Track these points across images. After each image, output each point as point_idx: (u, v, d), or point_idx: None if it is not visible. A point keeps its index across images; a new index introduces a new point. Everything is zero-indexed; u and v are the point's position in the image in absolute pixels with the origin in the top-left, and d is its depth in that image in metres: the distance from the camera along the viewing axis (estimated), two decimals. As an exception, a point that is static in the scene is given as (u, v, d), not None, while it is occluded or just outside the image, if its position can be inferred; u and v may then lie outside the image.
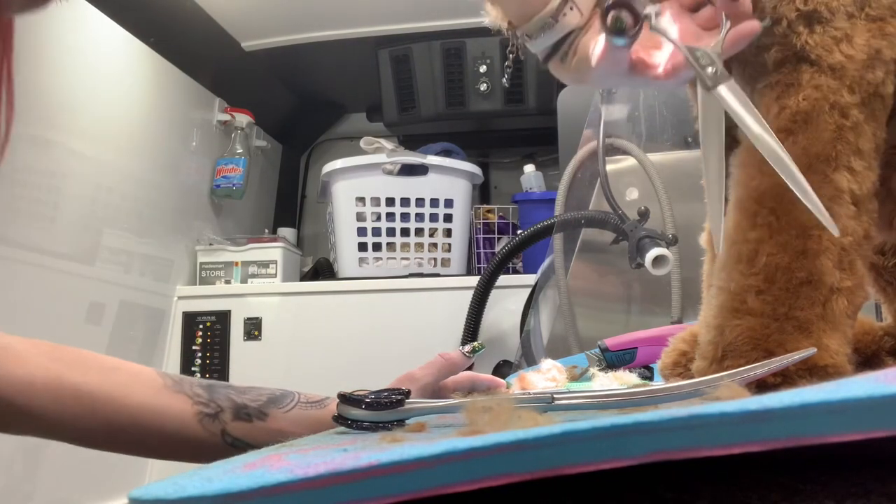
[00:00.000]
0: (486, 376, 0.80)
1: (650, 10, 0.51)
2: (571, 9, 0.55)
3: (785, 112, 0.50)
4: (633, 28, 0.51)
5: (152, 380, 0.65)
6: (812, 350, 0.45)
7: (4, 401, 0.59)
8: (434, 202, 1.92)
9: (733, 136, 0.54)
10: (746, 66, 0.54)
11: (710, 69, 0.49)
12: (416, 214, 1.91)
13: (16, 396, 0.59)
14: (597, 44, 0.54)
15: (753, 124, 0.47)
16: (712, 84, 0.48)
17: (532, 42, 0.57)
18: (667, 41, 0.52)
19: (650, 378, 0.81)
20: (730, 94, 0.48)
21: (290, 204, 2.44)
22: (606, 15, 0.51)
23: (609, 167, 1.45)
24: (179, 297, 1.85)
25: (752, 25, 0.49)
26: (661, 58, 0.53)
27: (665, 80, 0.54)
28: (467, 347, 0.77)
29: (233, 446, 0.67)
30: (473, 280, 1.70)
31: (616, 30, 0.51)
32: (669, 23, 0.52)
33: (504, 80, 0.71)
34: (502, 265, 1.65)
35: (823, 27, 0.49)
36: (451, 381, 0.77)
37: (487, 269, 1.67)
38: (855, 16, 0.49)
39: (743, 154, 0.52)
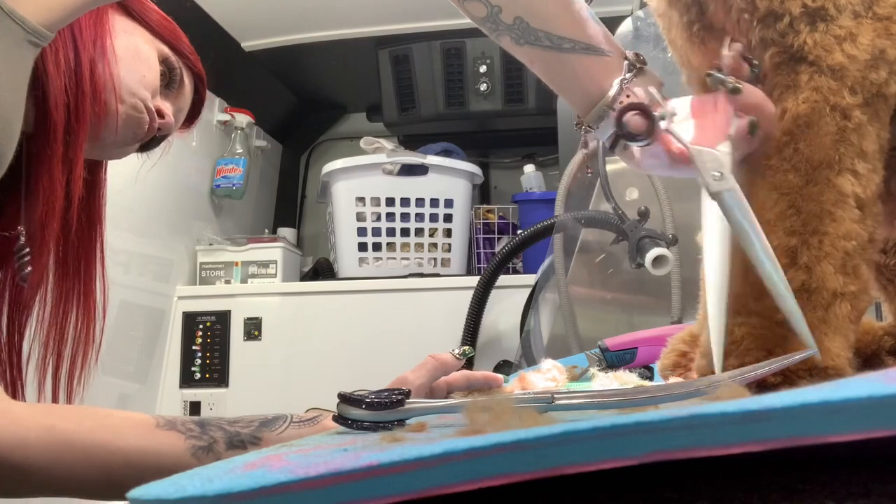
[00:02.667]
0: (481, 373, 0.80)
1: (662, 112, 0.51)
2: (629, 96, 0.56)
3: (786, 116, 0.49)
4: (645, 132, 0.51)
5: (144, 421, 0.66)
6: (812, 350, 0.45)
7: (2, 461, 0.60)
8: (434, 202, 1.92)
9: None
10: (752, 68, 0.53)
11: (715, 173, 0.48)
12: (416, 214, 1.91)
13: (12, 454, 0.60)
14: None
15: (751, 237, 0.46)
16: (714, 190, 0.47)
17: (596, 132, 0.59)
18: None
19: (650, 378, 0.81)
20: (731, 202, 0.47)
21: (290, 204, 2.44)
22: (620, 119, 0.52)
23: (609, 167, 1.44)
24: (179, 297, 1.85)
25: (744, 124, 0.49)
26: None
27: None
28: (458, 350, 0.77)
29: None
30: (473, 280, 1.70)
31: (627, 136, 0.51)
32: (687, 120, 0.52)
33: (587, 171, 0.74)
34: (502, 265, 1.65)
35: (827, 25, 0.49)
36: (443, 381, 0.77)
37: (487, 269, 1.67)
38: (861, 15, 0.49)
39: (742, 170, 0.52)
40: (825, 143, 0.48)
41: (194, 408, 1.78)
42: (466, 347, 0.80)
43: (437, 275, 1.89)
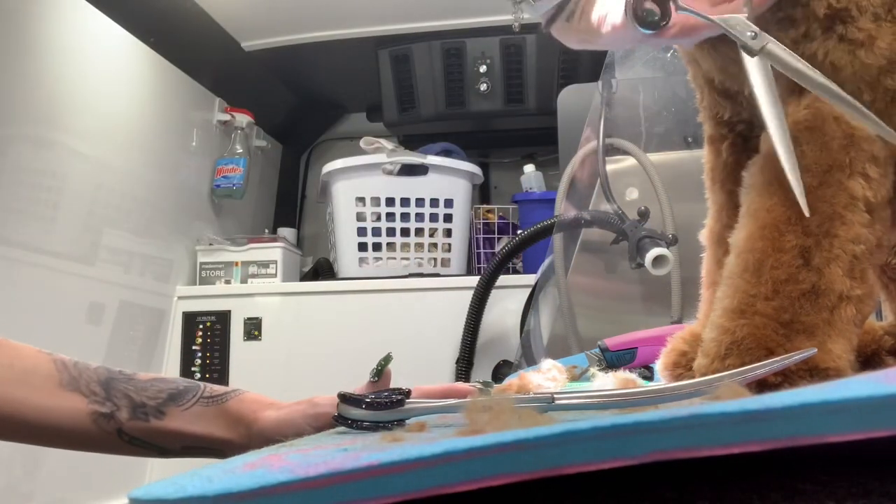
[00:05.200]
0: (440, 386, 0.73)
1: None
2: None
3: (788, 120, 0.49)
4: (662, 19, 0.49)
5: (48, 375, 0.64)
6: (812, 350, 0.45)
7: None
8: (434, 202, 1.92)
9: (753, 145, 0.54)
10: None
11: (749, 33, 0.48)
12: (416, 214, 1.91)
13: None
14: (611, 12, 0.52)
15: (811, 75, 0.46)
16: (757, 48, 0.47)
17: (534, 4, 0.55)
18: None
19: (650, 378, 0.80)
20: (777, 52, 0.47)
21: (290, 204, 2.44)
22: (635, 7, 0.50)
23: (609, 167, 1.45)
24: (179, 297, 1.85)
25: None
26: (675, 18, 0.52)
27: (680, 38, 0.53)
28: (371, 373, 0.66)
29: (131, 444, 0.67)
30: (473, 280, 1.70)
31: (644, 24, 0.50)
32: None
33: (515, 26, 0.69)
34: (502, 265, 1.65)
35: (846, 28, 0.49)
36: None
37: (487, 269, 1.67)
38: (882, 17, 0.48)
39: (756, 170, 0.52)
40: (833, 146, 0.48)
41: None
42: (381, 360, 0.66)
43: (437, 275, 1.89)
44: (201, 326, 1.83)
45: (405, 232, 1.91)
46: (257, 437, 0.67)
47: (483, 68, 1.96)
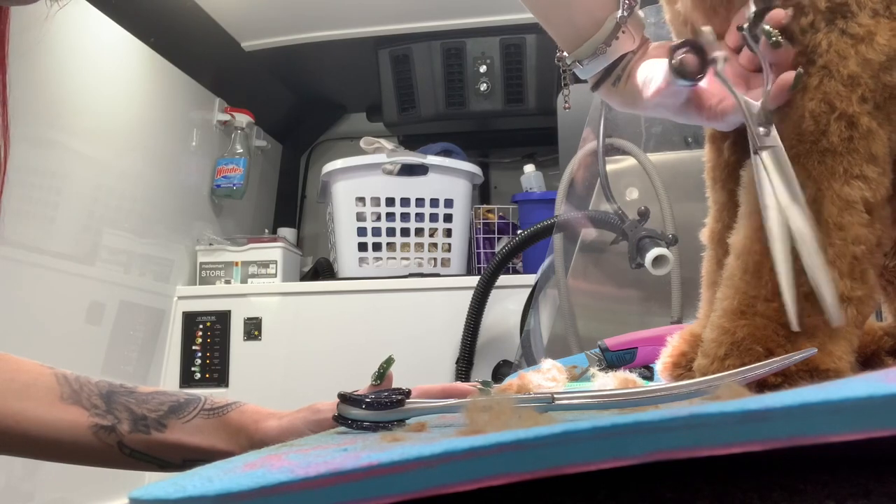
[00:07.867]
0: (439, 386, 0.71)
1: (718, 55, 0.51)
2: (623, 33, 0.55)
3: (789, 123, 0.49)
4: (699, 72, 0.51)
5: (48, 388, 0.64)
6: (813, 350, 0.45)
7: None
8: (434, 202, 1.92)
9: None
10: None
11: (762, 129, 0.48)
12: (416, 214, 1.92)
13: None
14: (655, 76, 0.55)
15: (785, 200, 0.46)
16: (761, 144, 0.48)
17: (583, 68, 0.58)
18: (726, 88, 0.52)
19: (650, 378, 0.80)
20: (771, 162, 0.47)
21: (290, 204, 2.44)
22: (674, 54, 0.51)
23: (609, 167, 1.44)
24: (179, 297, 1.85)
25: (788, 78, 0.48)
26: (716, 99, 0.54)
27: (715, 121, 0.55)
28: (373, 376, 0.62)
29: (131, 457, 0.67)
30: (473, 280, 1.70)
31: (680, 73, 0.51)
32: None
33: (565, 105, 0.73)
34: (502, 265, 1.65)
35: (846, 22, 0.48)
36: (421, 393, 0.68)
37: (487, 269, 1.67)
38: (880, 13, 0.48)
39: (753, 170, 0.52)
40: (835, 150, 0.48)
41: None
42: (382, 363, 0.60)
43: (437, 275, 1.89)
44: (201, 326, 1.83)
45: (405, 232, 1.92)
46: (259, 448, 0.67)
47: (483, 68, 1.96)
